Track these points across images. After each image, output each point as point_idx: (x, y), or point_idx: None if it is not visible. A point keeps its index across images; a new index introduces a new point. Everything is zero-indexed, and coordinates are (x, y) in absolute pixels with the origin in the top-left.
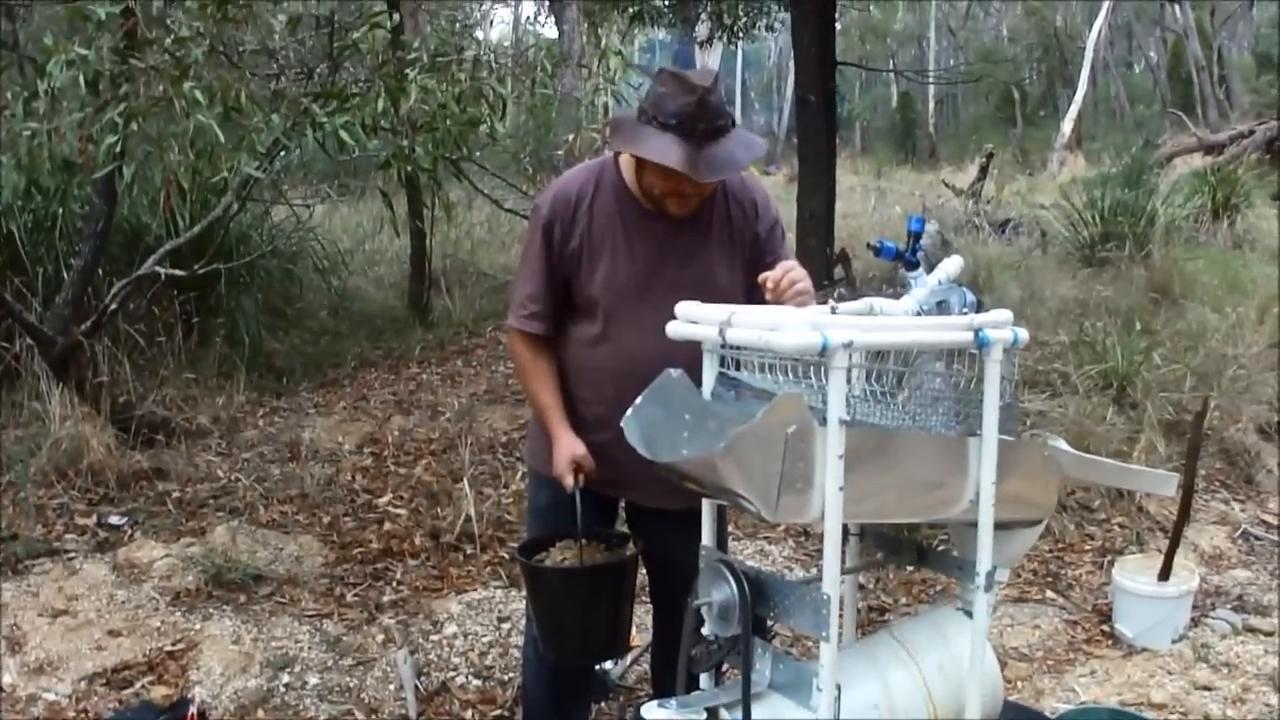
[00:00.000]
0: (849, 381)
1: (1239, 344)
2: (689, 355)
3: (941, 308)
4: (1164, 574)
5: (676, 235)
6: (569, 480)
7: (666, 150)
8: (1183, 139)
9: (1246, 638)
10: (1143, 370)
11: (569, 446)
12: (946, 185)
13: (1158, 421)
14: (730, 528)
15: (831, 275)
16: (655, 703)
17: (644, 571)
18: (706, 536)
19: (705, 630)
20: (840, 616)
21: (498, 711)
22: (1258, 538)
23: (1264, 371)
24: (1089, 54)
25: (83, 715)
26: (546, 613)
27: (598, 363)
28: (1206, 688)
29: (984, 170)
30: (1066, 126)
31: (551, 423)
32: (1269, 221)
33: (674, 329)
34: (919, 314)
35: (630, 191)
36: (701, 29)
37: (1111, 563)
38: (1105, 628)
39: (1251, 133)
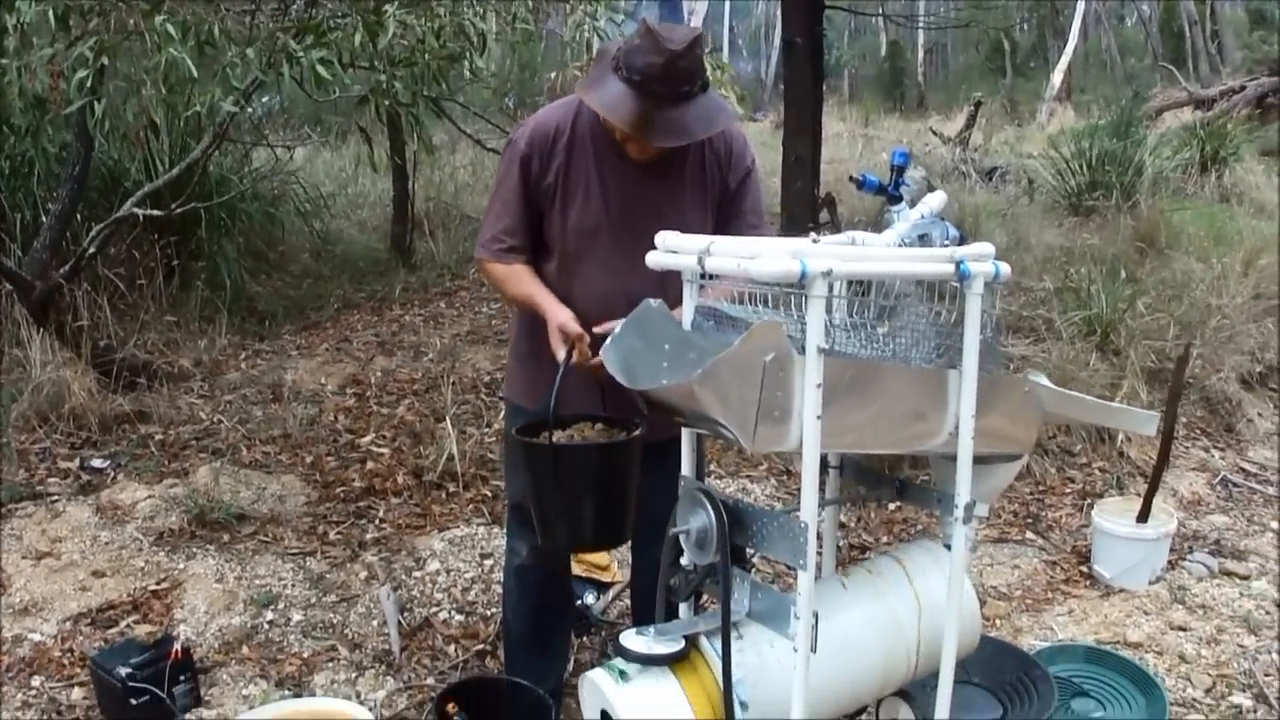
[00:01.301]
0: (829, 311)
1: (1223, 294)
2: (655, 295)
3: (923, 241)
4: (1143, 516)
5: (649, 178)
6: (561, 352)
7: (618, 106)
8: (1173, 93)
9: (1222, 581)
10: (1127, 318)
11: (554, 313)
12: (934, 133)
13: (1140, 368)
14: (713, 466)
15: (816, 219)
16: (633, 630)
17: None
18: (685, 466)
19: (684, 560)
20: (819, 547)
21: (480, 646)
22: (1236, 485)
23: (1247, 322)
24: (1080, 5)
25: (68, 655)
26: (542, 496)
27: (561, 300)
28: (1182, 628)
29: (972, 119)
30: (1056, 78)
31: (539, 301)
32: (1256, 175)
33: (654, 258)
34: (901, 246)
35: (605, 131)
36: None
37: (1091, 505)
38: (1084, 568)
39: (1243, 88)
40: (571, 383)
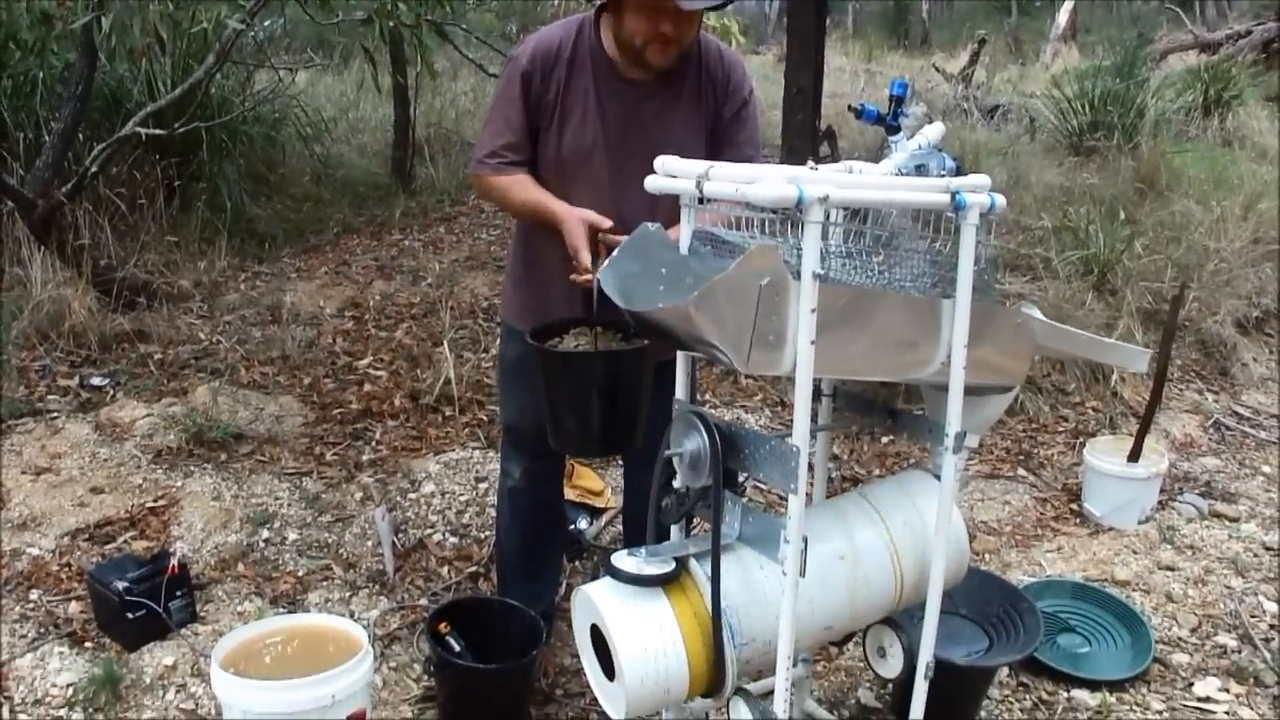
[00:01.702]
0: (825, 238)
1: (1222, 238)
2: (646, 219)
3: (920, 171)
4: (1134, 456)
5: (646, 101)
6: (585, 255)
7: None
8: (1179, 36)
9: (1212, 522)
10: (1124, 258)
11: (573, 212)
12: (937, 70)
13: (1136, 309)
14: (708, 395)
15: (817, 151)
16: (625, 551)
17: None
18: (679, 389)
19: (676, 482)
20: (811, 476)
21: (473, 568)
22: (1229, 428)
23: (1245, 266)
24: None
25: (66, 569)
26: (556, 400)
27: None
28: (1170, 568)
29: (975, 57)
30: (1061, 17)
31: (549, 205)
32: (1260, 120)
33: (652, 182)
34: (898, 176)
35: (606, 54)
36: None
37: (1083, 444)
38: (1074, 506)
39: (1249, 33)
40: (563, 293)
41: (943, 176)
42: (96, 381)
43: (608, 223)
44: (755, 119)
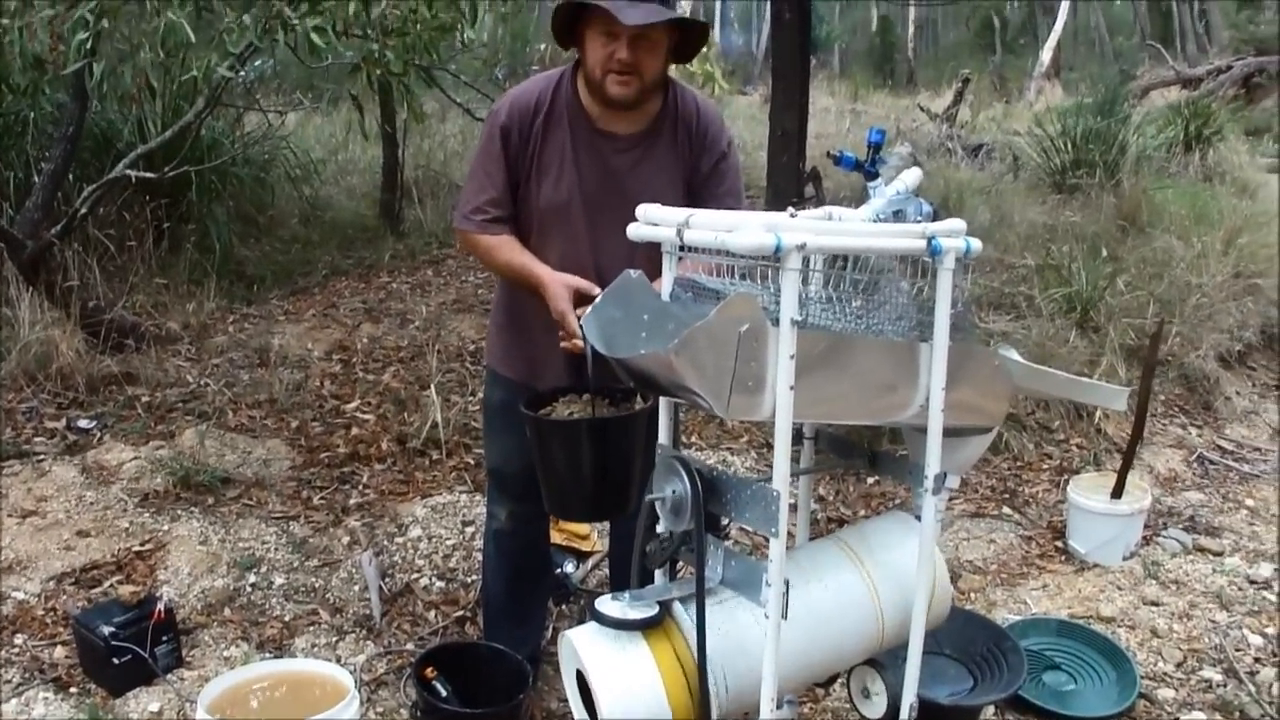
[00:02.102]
0: (804, 284)
1: (1203, 273)
2: (623, 271)
3: (898, 217)
4: (1117, 492)
5: (622, 154)
6: (571, 320)
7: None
8: (1160, 72)
9: (1196, 557)
10: (1107, 295)
11: (559, 278)
12: (922, 109)
13: (1119, 345)
14: (694, 438)
15: (802, 193)
16: (609, 596)
17: None
18: (663, 434)
19: (659, 527)
20: (794, 519)
21: (460, 612)
22: (1212, 462)
23: (1226, 301)
24: None
25: (51, 613)
26: (550, 467)
27: None
28: (1154, 603)
29: (959, 95)
30: (1045, 55)
31: (533, 270)
32: (1240, 155)
33: (634, 230)
34: (876, 221)
35: (583, 107)
36: None
37: (1068, 482)
38: (1059, 544)
39: (1229, 68)
40: (546, 340)
41: (919, 222)
42: (84, 424)
43: (595, 289)
44: (735, 171)
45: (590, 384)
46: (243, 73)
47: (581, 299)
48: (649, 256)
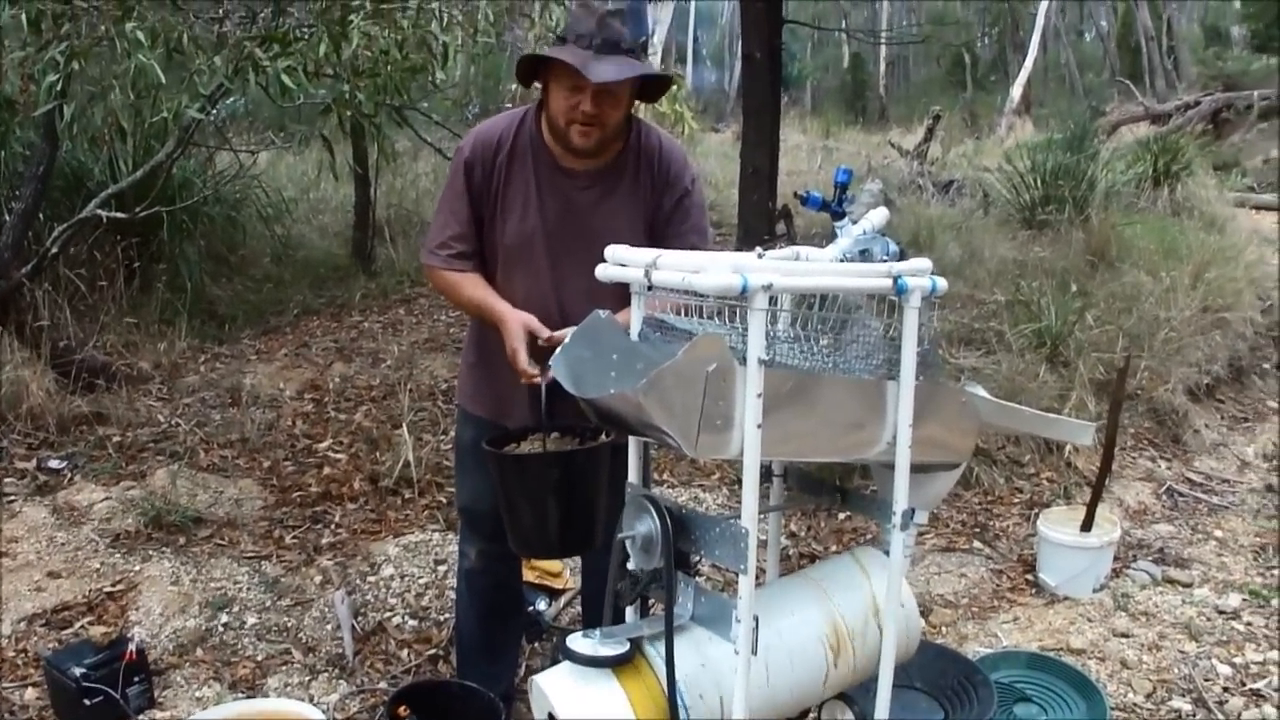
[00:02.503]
0: (771, 323)
1: (1171, 307)
2: (585, 307)
3: (865, 256)
4: (1086, 525)
5: (584, 191)
6: (523, 357)
7: (562, 53)
8: (1129, 108)
9: (1165, 588)
10: (1076, 330)
11: (516, 317)
12: (893, 146)
13: (1089, 380)
14: (666, 475)
15: (773, 230)
16: (580, 633)
17: None
18: (632, 473)
19: (630, 565)
20: (765, 556)
21: (433, 651)
22: (1181, 494)
23: (1195, 335)
24: (1040, 20)
25: (22, 655)
26: (521, 504)
27: None
28: (1124, 635)
29: (930, 132)
30: (1016, 92)
31: (494, 307)
32: (1208, 190)
33: (602, 271)
34: (842, 261)
35: (546, 145)
36: None
37: (1038, 515)
38: (1029, 577)
39: (1197, 103)
40: (521, 392)
41: (886, 261)
42: (54, 464)
43: (545, 332)
44: (700, 208)
45: (545, 420)
46: (214, 112)
47: (534, 339)
48: (612, 292)
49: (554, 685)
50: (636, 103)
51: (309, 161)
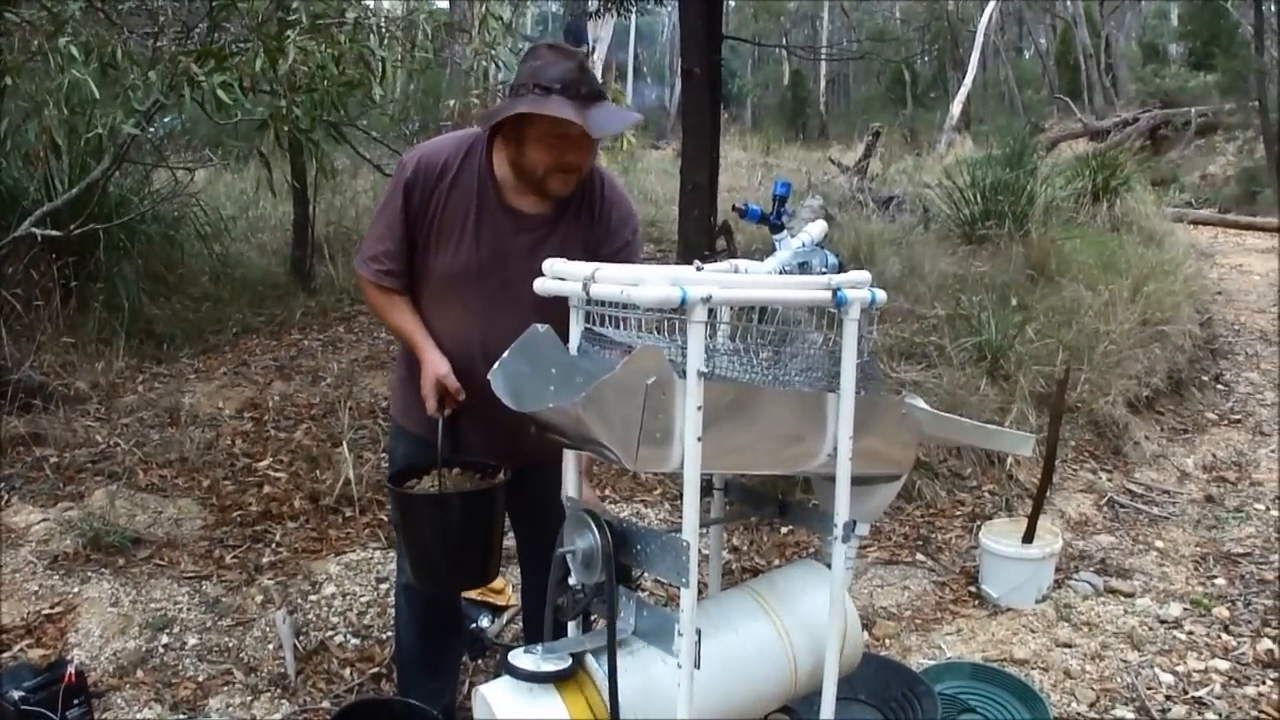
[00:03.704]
0: (710, 336)
1: (1111, 321)
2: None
3: (803, 269)
4: (1028, 537)
5: (524, 232)
6: (432, 404)
7: (559, 108)
8: (1068, 124)
9: (1107, 598)
10: (1016, 344)
11: (433, 365)
12: (833, 162)
13: (1029, 393)
14: (608, 491)
15: (713, 246)
16: (522, 649)
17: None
18: (570, 487)
19: (571, 579)
20: (707, 569)
21: (375, 669)
22: (1122, 505)
23: (1134, 347)
24: (979, 38)
25: None
26: (415, 540)
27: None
28: (1067, 645)
29: (870, 148)
30: (955, 108)
31: (417, 344)
32: (1146, 205)
33: (541, 284)
34: (782, 273)
35: (494, 178)
36: (593, 1)
37: (980, 527)
38: (972, 589)
39: (1135, 120)
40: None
41: (825, 273)
42: None
43: (454, 387)
44: (637, 260)
45: (440, 457)
46: (150, 130)
47: (446, 392)
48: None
49: (497, 697)
50: None
51: (247, 179)
